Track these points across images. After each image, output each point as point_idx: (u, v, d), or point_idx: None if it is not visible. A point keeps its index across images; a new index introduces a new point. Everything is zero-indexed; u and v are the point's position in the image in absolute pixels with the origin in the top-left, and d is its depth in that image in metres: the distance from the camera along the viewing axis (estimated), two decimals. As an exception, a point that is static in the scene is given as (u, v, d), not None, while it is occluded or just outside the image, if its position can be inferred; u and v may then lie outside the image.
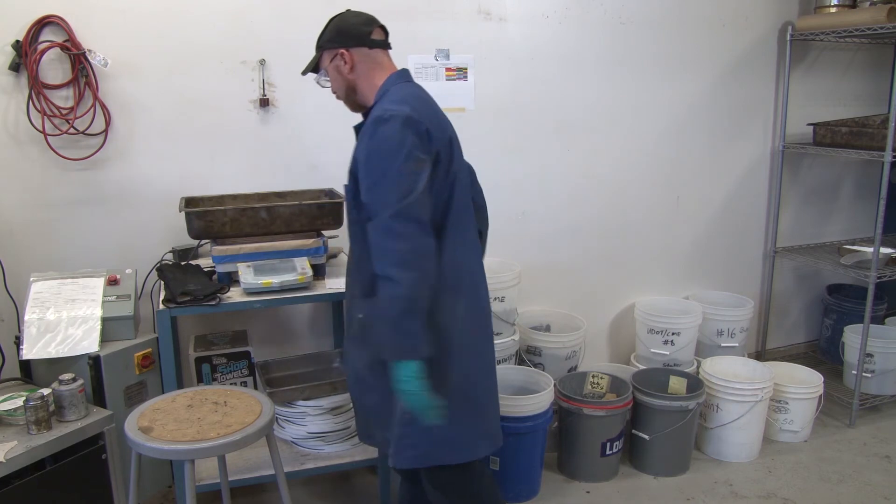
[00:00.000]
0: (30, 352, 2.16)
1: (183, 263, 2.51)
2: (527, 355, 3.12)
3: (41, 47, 2.42)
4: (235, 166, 2.75)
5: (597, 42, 3.22)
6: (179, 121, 2.65)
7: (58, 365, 2.18)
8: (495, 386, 2.04)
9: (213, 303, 2.21)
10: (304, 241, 2.41)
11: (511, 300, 2.95)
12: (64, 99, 2.49)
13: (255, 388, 2.62)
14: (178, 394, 2.01)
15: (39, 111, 2.45)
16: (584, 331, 3.19)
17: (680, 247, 3.63)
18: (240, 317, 2.87)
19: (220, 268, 2.34)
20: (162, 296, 2.26)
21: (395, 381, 1.73)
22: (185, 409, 1.91)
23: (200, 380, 2.60)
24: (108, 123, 2.55)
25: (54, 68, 2.46)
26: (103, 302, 2.30)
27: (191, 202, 2.51)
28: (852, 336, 3.45)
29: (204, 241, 2.56)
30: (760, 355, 3.89)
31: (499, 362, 2.80)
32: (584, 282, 3.47)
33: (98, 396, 2.22)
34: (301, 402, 2.50)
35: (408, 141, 1.73)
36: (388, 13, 2.81)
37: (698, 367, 3.15)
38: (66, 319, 2.24)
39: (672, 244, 3.61)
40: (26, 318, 2.22)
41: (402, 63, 2.87)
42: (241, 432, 1.80)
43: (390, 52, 1.97)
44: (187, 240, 2.48)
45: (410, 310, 1.70)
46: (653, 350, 3.26)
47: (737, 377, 3.03)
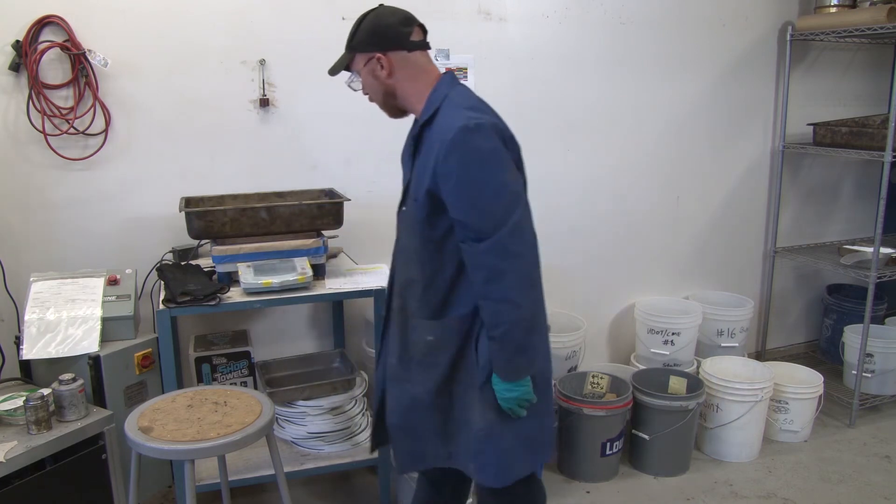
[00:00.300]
0: (30, 352, 2.16)
1: (183, 263, 2.50)
2: (527, 355, 3.12)
3: (41, 47, 2.42)
4: (235, 166, 2.75)
5: (597, 42, 3.22)
6: (179, 121, 2.65)
7: (58, 365, 2.18)
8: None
9: (213, 303, 2.21)
10: (304, 241, 2.41)
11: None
12: (64, 99, 2.49)
13: (255, 388, 2.62)
14: (178, 394, 2.01)
15: (39, 111, 2.45)
16: (584, 331, 3.19)
17: (680, 247, 3.63)
18: (240, 317, 2.87)
19: (220, 268, 2.34)
20: (162, 296, 2.26)
21: (503, 392, 1.69)
22: (185, 409, 1.91)
23: (200, 380, 2.60)
24: (108, 123, 2.55)
25: (54, 68, 2.46)
26: (103, 302, 2.30)
27: (191, 202, 2.51)
28: (852, 336, 3.45)
29: (204, 241, 2.56)
30: (760, 355, 3.89)
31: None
32: (584, 282, 3.47)
33: (98, 396, 2.22)
34: (301, 402, 2.50)
35: (501, 150, 1.66)
36: (388, 13, 2.83)
37: (698, 367, 3.15)
38: (66, 319, 2.24)
39: (672, 244, 3.61)
40: (26, 318, 2.22)
41: (402, 63, 2.90)
42: (241, 432, 1.80)
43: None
44: (187, 240, 2.48)
45: (532, 328, 1.67)
46: (653, 350, 3.26)
47: (737, 377, 3.03)
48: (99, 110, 2.53)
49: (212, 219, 2.33)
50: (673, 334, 3.23)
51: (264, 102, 2.73)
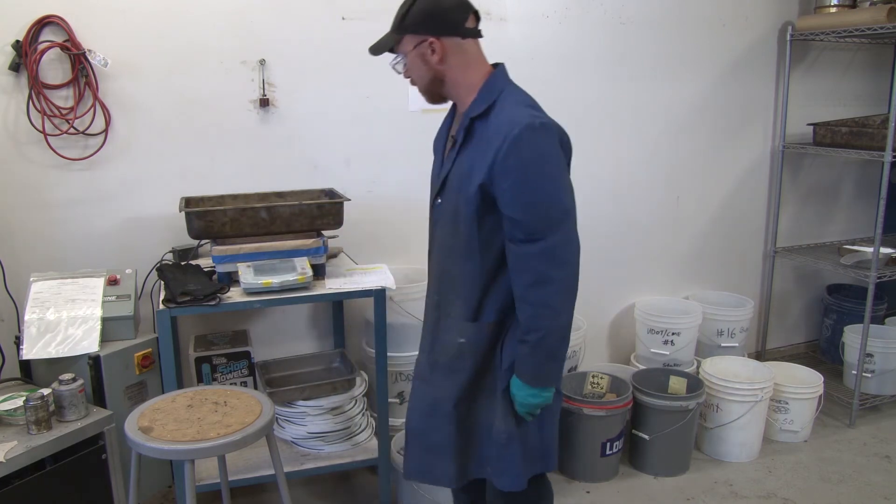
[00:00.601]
0: (30, 352, 2.16)
1: (183, 263, 2.50)
2: (527, 355, 3.12)
3: (41, 47, 2.41)
4: (235, 166, 2.75)
5: (597, 42, 3.22)
6: (179, 121, 2.65)
7: (58, 365, 2.18)
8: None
9: (213, 303, 2.21)
10: (304, 241, 2.41)
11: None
12: (64, 99, 2.49)
13: (255, 388, 2.62)
14: (178, 394, 2.01)
15: (39, 111, 2.45)
16: (584, 331, 3.19)
17: (680, 247, 3.63)
18: (240, 317, 2.87)
19: (220, 268, 2.34)
20: (162, 296, 2.26)
21: (526, 398, 1.69)
22: (185, 409, 1.91)
23: (200, 380, 2.60)
24: (108, 123, 2.55)
25: (54, 68, 2.46)
26: (103, 302, 2.30)
27: (191, 202, 2.51)
28: (852, 336, 3.45)
29: (204, 241, 2.56)
30: (760, 355, 3.89)
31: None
32: (584, 282, 3.41)
33: (98, 396, 2.22)
34: (301, 402, 2.50)
35: (561, 154, 1.64)
36: (387, 12, 2.82)
37: (698, 367, 3.15)
38: (66, 319, 2.24)
39: (672, 244, 3.61)
40: (26, 318, 2.22)
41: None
42: (241, 432, 1.80)
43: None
44: (187, 240, 2.48)
45: (565, 338, 1.67)
46: (653, 350, 3.26)
47: (737, 377, 3.03)
48: (99, 110, 2.53)
49: (212, 219, 2.33)
50: (673, 334, 3.23)
51: (264, 102, 2.73)
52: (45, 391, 2.00)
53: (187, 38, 2.60)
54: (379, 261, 2.83)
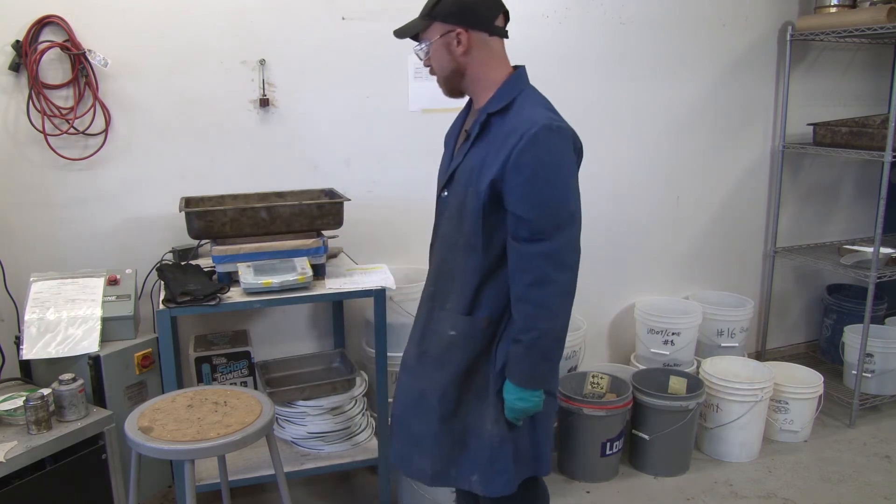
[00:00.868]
0: (30, 352, 2.16)
1: (183, 263, 2.50)
2: (527, 355, 3.12)
3: (41, 47, 2.42)
4: (235, 166, 2.75)
5: (597, 42, 3.22)
6: (179, 121, 2.65)
7: (58, 365, 2.18)
8: None
9: (213, 303, 2.21)
10: (304, 241, 2.41)
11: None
12: (64, 99, 2.49)
13: (255, 388, 2.62)
14: (178, 394, 2.01)
15: (39, 111, 2.45)
16: (584, 331, 3.19)
17: (680, 247, 3.63)
18: (240, 317, 2.87)
19: (220, 268, 2.34)
20: (162, 296, 2.26)
21: (516, 402, 1.68)
22: (185, 409, 1.91)
23: (200, 380, 2.60)
24: (108, 123, 2.55)
25: (54, 68, 2.46)
26: (103, 302, 2.30)
27: (191, 202, 2.51)
28: (852, 336, 3.45)
29: (204, 241, 2.56)
30: (760, 355, 3.89)
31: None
32: (584, 282, 3.40)
33: (98, 396, 2.22)
34: (301, 402, 2.50)
35: (573, 159, 1.65)
36: (387, 12, 2.83)
37: (698, 367, 3.15)
38: (66, 319, 2.24)
39: (672, 244, 3.61)
40: (26, 318, 2.22)
41: (401, 62, 2.90)
42: (241, 432, 1.80)
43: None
44: (187, 240, 2.48)
45: (560, 340, 1.67)
46: (653, 350, 3.26)
47: (737, 377, 3.03)
48: (99, 110, 2.53)
49: (212, 219, 2.33)
50: (673, 334, 3.23)
51: (264, 102, 2.73)
52: (45, 391, 2.00)
53: (187, 38, 2.60)
54: (379, 261, 2.83)
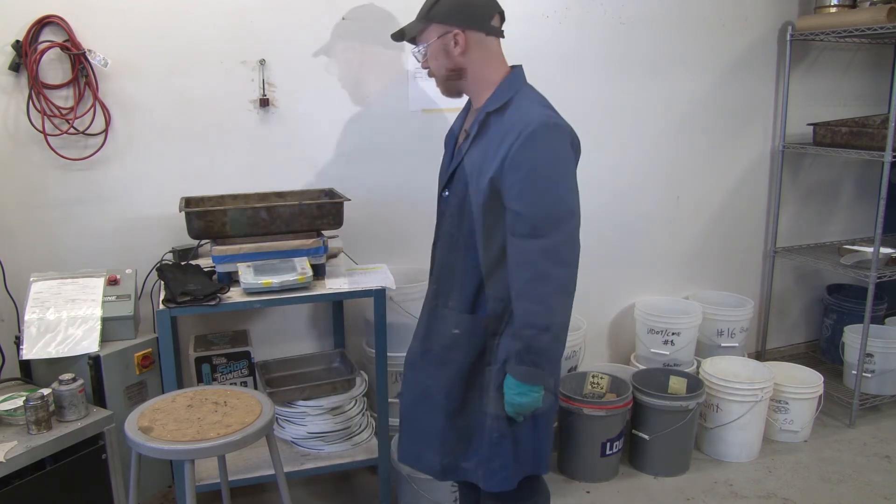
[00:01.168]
0: (30, 352, 2.16)
1: (183, 263, 2.50)
2: (527, 355, 3.12)
3: (41, 47, 2.41)
4: (235, 166, 2.75)
5: (597, 42, 3.22)
6: (179, 121, 2.65)
7: (58, 365, 2.18)
8: None
9: (213, 303, 2.21)
10: (304, 241, 2.41)
11: (511, 300, 2.95)
12: (64, 99, 2.49)
13: (255, 388, 2.62)
14: (178, 394, 2.01)
15: (39, 111, 2.45)
16: (584, 331, 3.19)
17: (680, 247, 3.63)
18: (240, 317, 2.87)
19: (220, 268, 2.34)
20: (162, 296, 2.26)
21: (515, 398, 1.68)
22: (185, 409, 1.91)
23: (200, 380, 2.60)
24: (108, 123, 2.55)
25: (54, 68, 2.46)
26: (103, 302, 2.30)
27: (191, 202, 2.51)
28: (852, 336, 3.45)
29: (204, 241, 2.56)
30: (760, 355, 3.89)
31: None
32: (584, 282, 3.41)
33: (98, 396, 2.22)
34: (301, 402, 2.50)
35: (572, 156, 1.66)
36: (387, 12, 2.83)
37: (698, 367, 3.15)
38: (66, 319, 2.24)
39: (672, 244, 3.61)
40: (26, 318, 2.22)
41: (400, 63, 2.90)
42: (241, 432, 1.80)
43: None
44: (187, 240, 2.48)
45: (559, 337, 1.67)
46: (653, 350, 3.26)
47: (737, 377, 3.03)
48: (99, 110, 2.53)
49: (212, 219, 2.33)
50: (673, 334, 3.23)
51: (264, 102, 2.73)
52: (45, 391, 2.00)
53: (187, 38, 2.60)
54: (379, 261, 2.83)
